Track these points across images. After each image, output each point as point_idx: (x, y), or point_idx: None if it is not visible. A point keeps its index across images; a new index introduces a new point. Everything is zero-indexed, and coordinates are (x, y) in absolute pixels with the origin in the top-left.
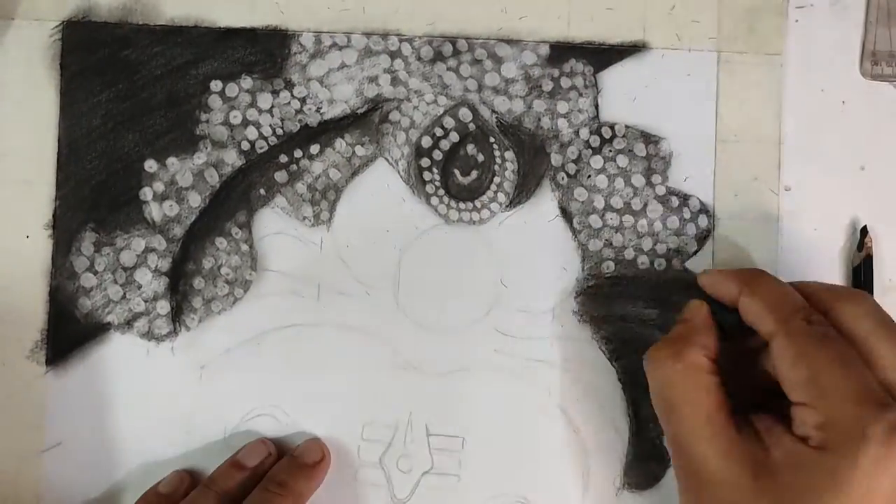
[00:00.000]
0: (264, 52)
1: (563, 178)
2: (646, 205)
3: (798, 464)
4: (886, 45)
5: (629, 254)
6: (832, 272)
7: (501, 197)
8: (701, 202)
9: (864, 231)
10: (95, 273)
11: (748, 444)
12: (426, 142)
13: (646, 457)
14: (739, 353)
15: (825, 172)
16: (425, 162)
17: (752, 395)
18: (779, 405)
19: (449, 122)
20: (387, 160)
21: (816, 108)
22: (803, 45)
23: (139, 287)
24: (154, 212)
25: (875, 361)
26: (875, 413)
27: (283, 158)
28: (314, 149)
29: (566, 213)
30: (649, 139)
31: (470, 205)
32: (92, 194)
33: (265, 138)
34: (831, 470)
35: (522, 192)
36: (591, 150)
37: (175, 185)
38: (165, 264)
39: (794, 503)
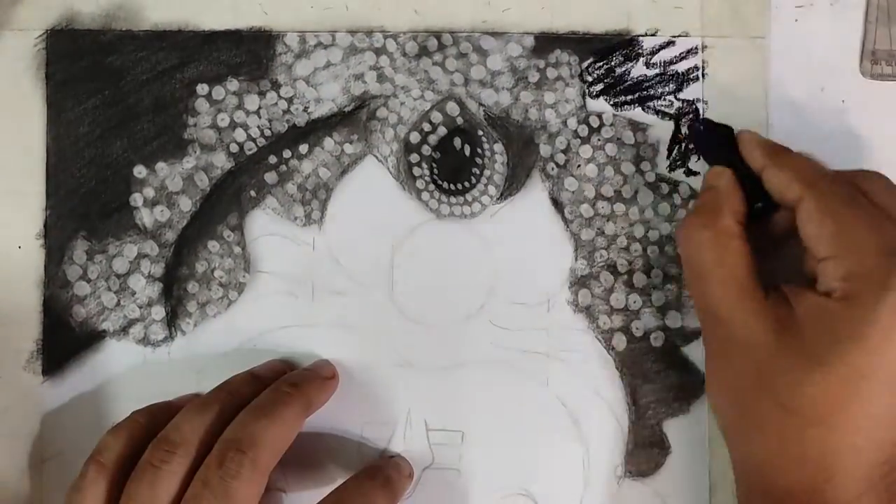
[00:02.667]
0: (249, 53)
1: (552, 169)
2: (636, 192)
3: (820, 316)
4: (886, 45)
5: (622, 242)
6: None
7: (492, 189)
8: (691, 188)
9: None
10: (89, 281)
11: (774, 306)
12: (414, 137)
13: (646, 444)
14: (762, 235)
15: None
16: (414, 157)
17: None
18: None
19: (436, 116)
20: (376, 157)
21: (816, 107)
22: (803, 45)
23: (133, 293)
24: (145, 217)
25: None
26: None
27: (273, 159)
28: (303, 148)
29: (557, 204)
30: (637, 127)
31: (461, 198)
32: (82, 202)
33: (253, 140)
34: (851, 319)
35: (513, 184)
36: (579, 140)
37: (165, 190)
38: (159, 270)
39: (815, 355)
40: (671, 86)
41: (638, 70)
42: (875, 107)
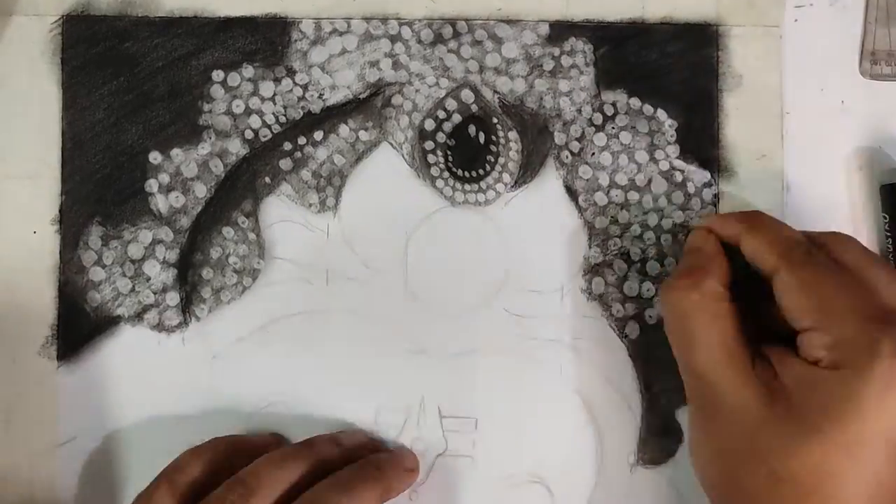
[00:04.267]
0: (265, 40)
1: (567, 157)
2: (650, 180)
3: (810, 385)
4: (886, 45)
5: (635, 230)
6: None
7: (506, 177)
8: (705, 176)
9: None
10: (104, 266)
11: (762, 371)
12: (429, 124)
13: (659, 432)
14: (746, 294)
15: (825, 172)
16: (429, 145)
17: (759, 335)
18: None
19: (451, 104)
20: (391, 144)
21: (816, 107)
22: (803, 45)
23: (148, 279)
24: (160, 203)
25: (872, 289)
26: (884, 329)
27: (287, 146)
28: (318, 135)
29: (571, 192)
30: (651, 115)
31: (475, 186)
32: (97, 188)
33: (268, 126)
34: (844, 386)
35: (527, 172)
36: (594, 128)
37: (180, 177)
38: (173, 255)
39: (809, 423)
40: (686, 74)
41: (653, 58)
42: (875, 107)
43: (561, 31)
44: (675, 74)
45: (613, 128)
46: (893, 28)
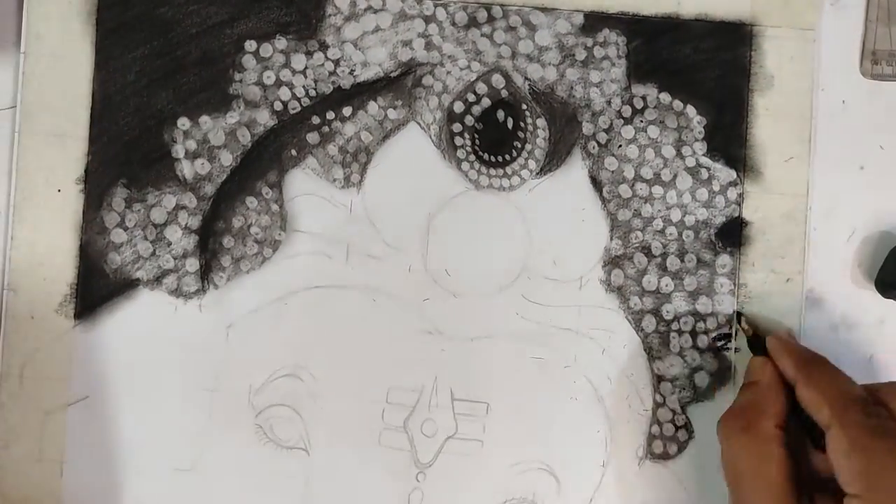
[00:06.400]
0: (299, 13)
1: (593, 147)
2: (675, 176)
3: None
4: (886, 45)
5: (658, 224)
6: (831, 272)
7: (532, 164)
8: (731, 175)
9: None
10: (126, 229)
11: None
12: (458, 107)
13: (670, 427)
14: (806, 426)
15: (825, 172)
16: (457, 127)
17: (816, 472)
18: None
19: (481, 87)
20: (418, 124)
21: (816, 107)
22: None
23: (169, 244)
24: (186, 169)
25: None
26: None
27: (316, 120)
28: (346, 111)
29: (596, 183)
30: (681, 111)
31: (500, 171)
32: (124, 150)
33: (298, 99)
34: None
35: (553, 160)
36: (622, 120)
37: (207, 144)
38: (195, 222)
39: None
40: (718, 72)
41: (685, 54)
42: (875, 107)
43: (595, 21)
44: (707, 72)
45: (642, 121)
46: (894, 28)
